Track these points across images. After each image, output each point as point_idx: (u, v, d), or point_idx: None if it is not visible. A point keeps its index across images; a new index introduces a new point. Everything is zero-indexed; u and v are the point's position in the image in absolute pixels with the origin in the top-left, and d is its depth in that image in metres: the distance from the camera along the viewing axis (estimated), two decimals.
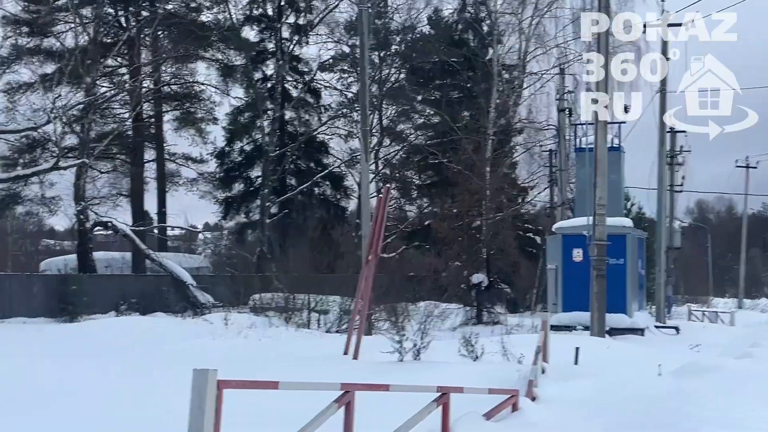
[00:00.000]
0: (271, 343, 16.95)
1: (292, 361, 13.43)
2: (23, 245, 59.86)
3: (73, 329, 21.51)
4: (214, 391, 5.22)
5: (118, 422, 8.83)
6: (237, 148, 38.38)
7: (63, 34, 33.04)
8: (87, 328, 21.45)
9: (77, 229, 30.24)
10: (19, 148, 33.60)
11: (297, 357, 14.09)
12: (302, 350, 15.46)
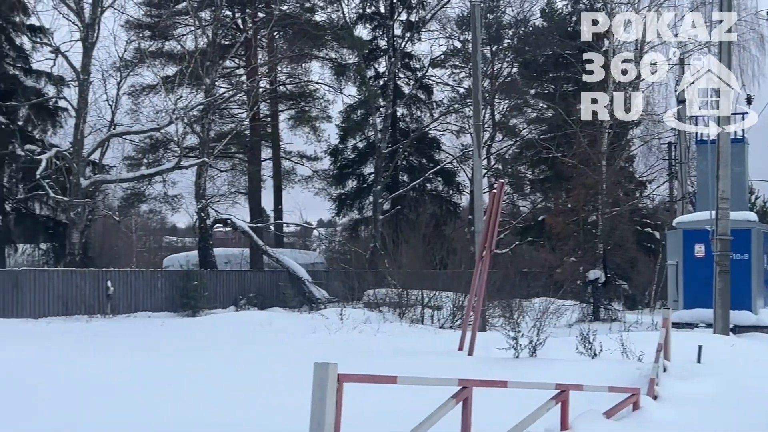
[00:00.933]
0: (386, 338, 17.08)
1: (407, 356, 13.50)
2: (147, 242, 62.14)
3: (195, 323, 22.24)
4: (334, 385, 5.31)
5: (243, 410, 9.10)
6: (350, 145, 38.79)
7: (183, 37, 34.16)
8: (208, 321, 22.14)
9: (198, 226, 31.17)
10: (143, 149, 34.91)
11: (412, 352, 14.16)
12: (417, 345, 15.51)
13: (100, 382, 10.95)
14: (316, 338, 17.11)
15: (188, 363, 12.82)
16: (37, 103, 28.76)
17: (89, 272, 25.31)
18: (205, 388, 10.46)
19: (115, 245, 52.88)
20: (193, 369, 12.10)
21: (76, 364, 12.57)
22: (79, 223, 27.18)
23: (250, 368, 12.12)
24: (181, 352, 14.47)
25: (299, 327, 19.36)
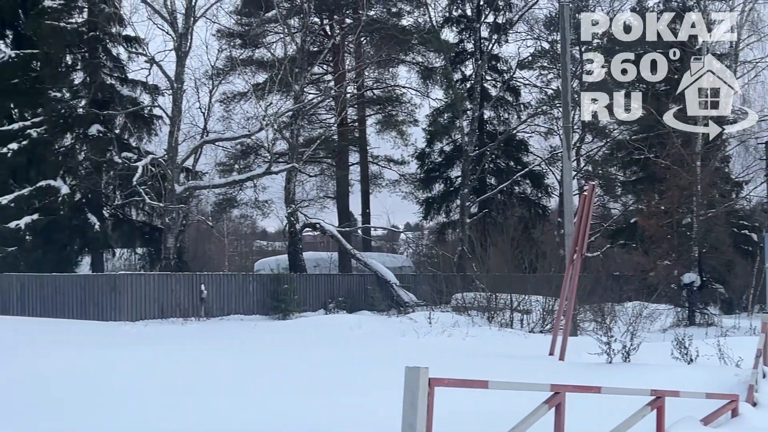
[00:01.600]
0: (475, 342, 17.01)
1: (497, 360, 13.42)
2: (238, 246, 63.39)
3: (285, 325, 22.58)
4: (425, 389, 5.33)
5: (334, 411, 9.19)
6: (437, 148, 38.76)
7: (273, 45, 34.76)
8: (299, 324, 22.45)
9: (288, 230, 31.60)
10: (234, 155, 35.64)
11: (502, 356, 14.07)
12: (506, 350, 15.40)
13: (200, 381, 11.23)
14: (405, 342, 17.16)
15: (281, 364, 13.02)
16: (133, 112, 29.62)
17: (183, 276, 25.92)
18: (297, 389, 10.60)
19: (208, 249, 54.19)
20: (285, 370, 12.28)
21: (178, 363, 12.92)
22: (173, 228, 27.88)
23: (341, 370, 12.23)
24: (275, 354, 14.70)
25: (388, 330, 19.45)
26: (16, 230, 27.82)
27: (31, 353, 14.00)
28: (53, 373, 11.78)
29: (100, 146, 29.10)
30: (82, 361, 13.04)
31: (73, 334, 18.52)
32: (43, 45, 28.71)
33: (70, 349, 14.64)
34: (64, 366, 12.46)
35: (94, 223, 29.52)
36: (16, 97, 30.27)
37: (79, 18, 30.66)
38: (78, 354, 13.85)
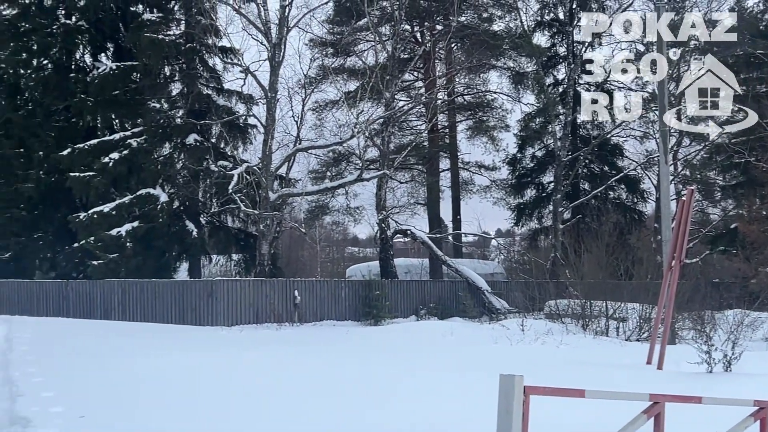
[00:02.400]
0: (570, 350, 16.76)
1: (592, 368, 13.20)
2: (330, 253, 64.10)
3: (377, 331, 22.68)
4: (521, 397, 5.29)
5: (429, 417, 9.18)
6: (529, 154, 38.43)
7: (364, 53, 35.04)
8: (391, 330, 22.52)
9: (379, 236, 31.77)
10: (326, 162, 36.08)
11: (597, 365, 13.83)
12: (602, 358, 15.13)
13: (297, 385, 11.38)
14: (498, 349, 17.03)
15: (376, 370, 13.09)
16: (228, 121, 30.26)
17: (278, 282, 26.30)
18: (393, 395, 10.65)
19: (300, 256, 54.99)
20: (378, 376, 12.34)
21: (279, 367, 13.13)
22: (268, 235, 28.34)
23: (435, 376, 12.22)
24: (369, 360, 14.79)
25: (480, 337, 19.33)
26: (118, 237, 28.74)
27: (140, 356, 14.43)
28: (161, 375, 12.12)
29: (197, 155, 29.83)
30: (187, 363, 13.40)
31: (173, 338, 19.01)
32: (142, 57, 29.60)
33: (176, 352, 15.06)
34: (172, 368, 12.81)
35: (192, 230, 30.27)
36: (117, 108, 31.38)
37: (176, 30, 31.54)
38: (183, 357, 14.24)
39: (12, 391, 10.56)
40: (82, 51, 33.39)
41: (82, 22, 32.07)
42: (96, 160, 29.75)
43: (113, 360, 13.85)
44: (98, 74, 31.09)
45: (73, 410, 9.36)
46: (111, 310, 26.36)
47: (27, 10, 33.21)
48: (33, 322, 22.79)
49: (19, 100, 33.58)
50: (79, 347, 15.99)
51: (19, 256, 32.74)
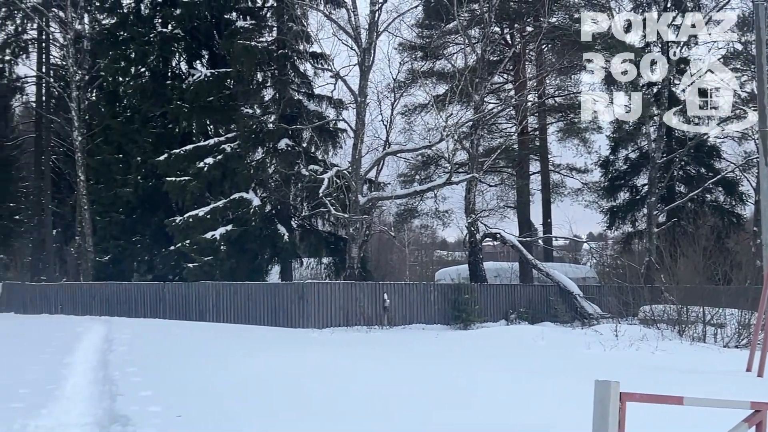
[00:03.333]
0: (665, 356, 16.35)
1: (689, 375, 12.86)
2: (419, 256, 64.15)
3: (467, 335, 22.55)
4: (617, 403, 5.19)
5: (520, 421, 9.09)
6: (621, 156, 37.70)
7: (453, 56, 34.98)
8: (480, 334, 22.36)
9: (468, 240, 31.63)
10: (415, 166, 36.15)
11: (694, 372, 13.47)
12: (699, 365, 14.71)
13: (393, 386, 11.42)
14: (591, 354, 16.74)
15: (466, 374, 13.03)
16: (319, 126, 30.61)
17: (367, 285, 26.44)
18: (484, 399, 10.58)
19: (389, 259, 55.19)
20: (470, 380, 12.28)
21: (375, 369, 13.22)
22: (357, 238, 28.54)
23: (527, 381, 12.09)
24: (459, 363, 14.74)
25: (572, 342, 19.02)
26: (212, 240, 29.38)
27: (235, 357, 14.71)
28: (256, 375, 12.32)
29: (289, 159, 30.26)
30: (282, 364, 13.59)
31: (266, 340, 19.32)
32: (235, 64, 30.21)
33: (270, 354, 15.29)
34: (267, 369, 13.02)
35: (283, 233, 30.71)
36: (211, 114, 32.11)
37: (268, 37, 32.12)
38: (277, 358, 14.46)
39: (112, 391, 10.90)
40: (178, 58, 34.33)
41: (178, 31, 32.98)
42: (191, 165, 30.49)
43: (209, 360, 14.14)
44: (193, 81, 31.86)
45: (171, 410, 9.59)
46: (205, 312, 26.96)
47: (125, 19, 34.35)
48: (131, 322, 23.48)
49: (118, 107, 34.73)
50: (176, 348, 16.40)
51: (119, 259, 33.80)
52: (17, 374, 12.35)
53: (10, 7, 40.41)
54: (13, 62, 42.03)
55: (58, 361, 13.97)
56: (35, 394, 10.68)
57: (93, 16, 39.19)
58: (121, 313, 28.57)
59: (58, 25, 40.08)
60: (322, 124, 30.90)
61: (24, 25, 41.66)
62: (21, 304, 31.62)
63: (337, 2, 29.99)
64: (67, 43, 37.41)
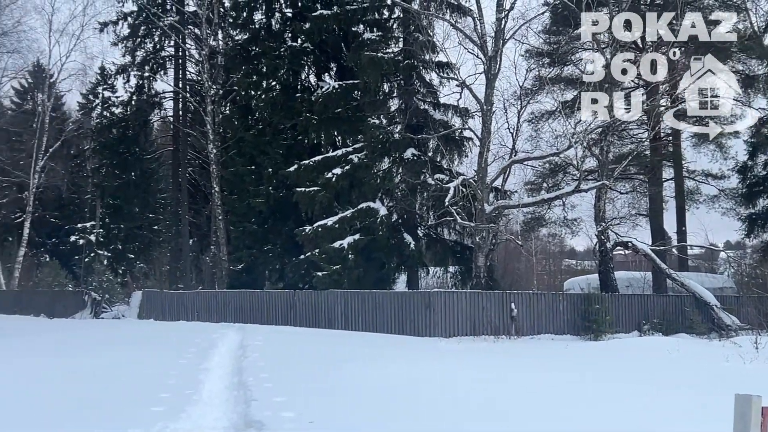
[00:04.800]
0: None
1: None
2: (546, 265, 63.26)
3: (597, 347, 22.07)
4: (758, 418, 5.00)
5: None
6: (761, 161, 36.07)
7: (582, 61, 34.35)
8: (611, 346, 21.84)
9: (598, 249, 30.94)
10: (542, 173, 35.68)
11: None
12: None
13: (511, 398, 11.33)
14: (730, 367, 16.08)
15: (599, 387, 12.77)
16: (445, 135, 30.64)
17: (494, 294, 26.26)
18: (620, 413, 10.34)
19: (516, 268, 54.63)
20: (602, 392, 12.03)
21: (500, 381, 13.15)
22: (483, 247, 28.39)
23: (662, 395, 11.74)
24: (591, 376, 14.46)
25: (709, 355, 18.35)
26: (340, 249, 29.83)
27: (364, 364, 14.89)
28: (387, 384, 12.45)
29: (415, 169, 30.41)
30: (412, 373, 13.68)
31: (394, 348, 19.44)
32: (362, 75, 30.63)
33: (400, 362, 15.41)
34: (398, 377, 13.13)
35: (410, 242, 30.87)
36: (339, 125, 32.66)
37: (395, 47, 32.41)
38: (407, 366, 14.56)
39: (246, 396, 11.22)
40: (307, 72, 35.13)
41: (307, 44, 33.75)
42: (320, 176, 31.09)
43: (339, 367, 14.35)
44: (322, 93, 32.49)
45: (303, 415, 9.79)
46: (334, 320, 27.39)
47: (257, 34, 35.46)
48: (264, 329, 24.09)
49: (250, 120, 35.83)
50: (306, 354, 16.72)
51: (251, 267, 34.79)
52: (158, 379, 12.88)
53: (148, 26, 42.33)
54: (152, 78, 43.96)
55: (195, 367, 14.48)
56: (175, 398, 11.12)
57: (226, 33, 40.62)
58: (254, 320, 29.36)
59: (194, 41, 41.75)
60: (448, 133, 30.91)
61: (162, 42, 43.56)
62: (159, 311, 32.94)
63: (462, 11, 29.99)
64: (202, 59, 38.88)
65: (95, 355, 16.88)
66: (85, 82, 48.60)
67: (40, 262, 46.83)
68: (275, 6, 35.89)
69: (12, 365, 15.42)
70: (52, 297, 37.89)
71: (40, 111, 46.55)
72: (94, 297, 36.54)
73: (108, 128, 44.56)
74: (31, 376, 13.92)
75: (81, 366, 15.01)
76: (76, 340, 21.18)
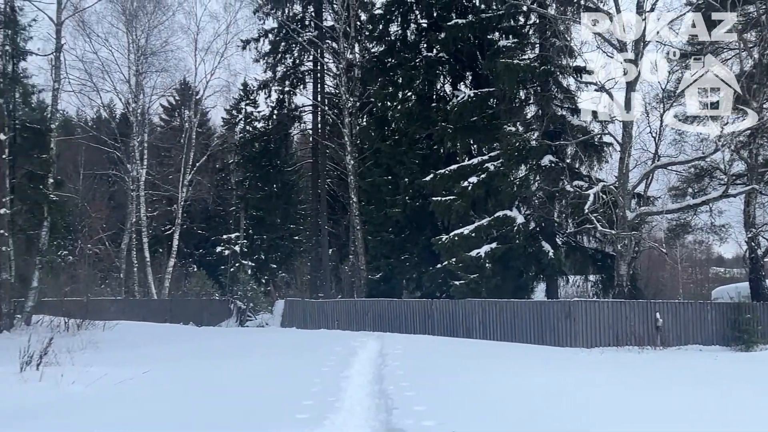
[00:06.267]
0: None
1: None
2: (692, 273, 61.00)
3: (749, 358, 21.12)
4: None
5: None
6: None
7: (728, 62, 32.96)
8: (764, 357, 20.87)
9: (748, 256, 29.63)
10: (687, 178, 34.38)
11: None
12: None
13: (674, 414, 11.00)
14: None
15: (758, 400, 12.25)
16: (583, 141, 30.07)
17: (637, 304, 25.53)
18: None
19: (661, 276, 52.91)
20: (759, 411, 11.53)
21: (661, 394, 12.79)
22: (626, 255, 27.65)
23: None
24: (748, 391, 13.87)
25: None
26: (477, 258, 29.72)
27: (505, 374, 14.80)
28: (526, 394, 12.32)
29: (552, 176, 29.98)
30: (553, 383, 13.49)
31: (534, 358, 19.20)
32: (498, 83, 30.45)
33: (543, 372, 15.23)
34: (538, 387, 12.98)
35: (548, 250, 30.42)
36: (475, 134, 32.60)
37: (530, 54, 32.08)
38: (549, 377, 14.37)
39: (388, 404, 11.32)
40: (443, 81, 35.29)
41: (442, 54, 33.91)
42: (456, 185, 31.10)
43: (479, 377, 14.29)
44: (457, 102, 32.52)
45: (444, 425, 9.80)
46: (472, 329, 27.31)
47: (393, 46, 35.91)
48: (402, 338, 24.25)
49: (386, 130, 36.27)
50: (445, 363, 16.72)
51: (389, 276, 35.15)
52: (302, 386, 13.17)
53: (288, 42, 43.56)
54: (292, 93, 45.22)
55: (337, 374, 14.73)
56: (318, 406, 11.34)
57: (363, 46, 41.33)
58: (392, 329, 29.64)
59: (332, 55, 42.65)
60: (587, 138, 30.31)
61: (301, 57, 44.76)
62: (301, 320, 33.72)
63: (600, 14, 29.33)
64: (340, 72, 39.66)
65: (244, 361, 17.47)
66: (228, 98, 50.59)
67: (188, 272, 48.90)
68: (410, 17, 36.24)
69: (173, 368, 16.19)
70: (199, 306, 39.46)
71: (187, 127, 48.64)
72: (239, 306, 37.80)
73: (251, 142, 46.12)
74: (186, 378, 14.60)
75: (233, 371, 15.62)
76: (225, 347, 21.99)
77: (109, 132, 49.34)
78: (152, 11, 46.20)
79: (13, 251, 30.75)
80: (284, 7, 44.02)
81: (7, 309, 30.05)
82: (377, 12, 38.49)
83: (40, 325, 29.54)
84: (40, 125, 32.68)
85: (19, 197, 31.72)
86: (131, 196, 47.00)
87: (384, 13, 36.76)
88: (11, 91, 32.02)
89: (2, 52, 31.45)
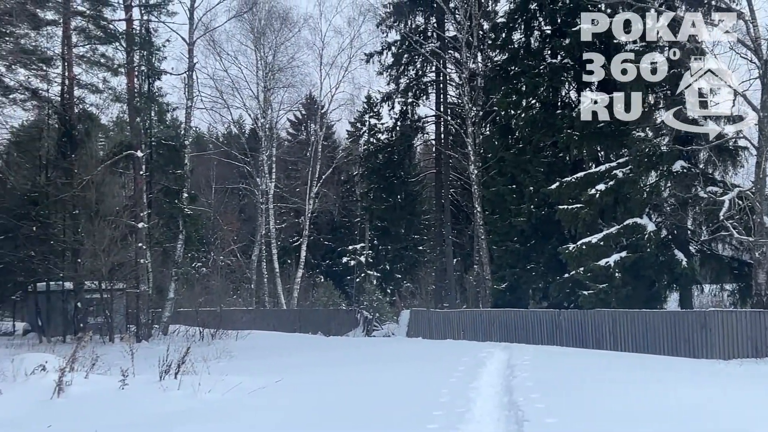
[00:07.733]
0: None
1: None
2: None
3: None
4: None
5: None
6: None
7: None
8: None
9: None
10: None
11: None
12: None
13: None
14: None
15: None
16: (717, 145, 29.02)
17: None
18: None
19: None
20: None
21: None
22: (765, 263, 26.47)
23: None
24: None
25: None
26: (606, 267, 29.07)
27: (637, 385, 14.45)
28: (665, 410, 11.99)
29: (685, 182, 29.04)
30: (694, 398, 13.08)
31: (668, 370, 18.63)
32: (626, 87, 29.75)
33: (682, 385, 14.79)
34: (676, 403, 12.62)
35: (681, 259, 29.46)
36: (602, 140, 31.93)
37: (658, 57, 31.18)
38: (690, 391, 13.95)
39: (518, 416, 11.21)
40: (567, 88, 34.73)
41: (567, 60, 33.41)
42: (582, 192, 30.54)
43: (613, 390, 13.98)
44: (583, 108, 31.95)
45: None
46: (602, 340, 26.73)
47: (516, 54, 35.65)
48: (530, 349, 23.98)
49: (510, 139, 36.01)
50: (576, 375, 16.42)
51: (514, 286, 34.82)
52: (431, 396, 13.22)
53: (411, 53, 43.89)
54: (415, 104, 45.52)
55: (465, 385, 14.70)
56: (448, 416, 11.35)
57: (485, 55, 41.19)
58: (519, 339, 29.33)
59: (454, 65, 42.71)
60: (721, 143, 29.22)
61: (424, 68, 45.06)
62: (426, 330, 33.81)
63: (733, 14, 28.29)
64: (462, 82, 39.66)
65: (374, 370, 17.71)
66: (352, 111, 51.38)
67: (316, 282, 49.83)
68: (534, 24, 35.91)
69: (304, 377, 16.56)
70: (327, 315, 40.13)
71: (313, 140, 49.70)
72: (365, 315, 38.23)
73: (375, 154, 46.68)
74: (316, 388, 14.90)
75: (362, 380, 15.85)
76: (354, 357, 22.32)
77: (239, 147, 50.95)
78: (279, 28, 47.51)
79: (151, 263, 32.12)
80: (407, 20, 44.41)
81: (145, 319, 31.40)
82: (500, 20, 38.34)
83: (177, 334, 30.76)
84: (174, 142, 34.07)
85: (155, 212, 33.13)
86: (261, 209, 48.32)
87: (507, 21, 36.56)
88: (148, 110, 33.51)
89: (138, 72, 32.96)
